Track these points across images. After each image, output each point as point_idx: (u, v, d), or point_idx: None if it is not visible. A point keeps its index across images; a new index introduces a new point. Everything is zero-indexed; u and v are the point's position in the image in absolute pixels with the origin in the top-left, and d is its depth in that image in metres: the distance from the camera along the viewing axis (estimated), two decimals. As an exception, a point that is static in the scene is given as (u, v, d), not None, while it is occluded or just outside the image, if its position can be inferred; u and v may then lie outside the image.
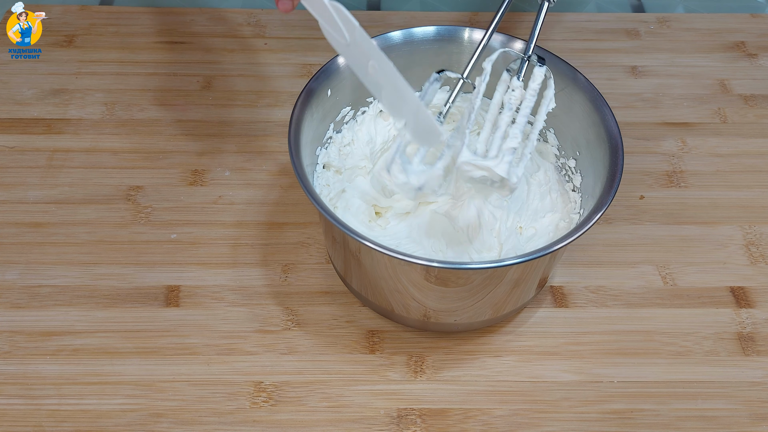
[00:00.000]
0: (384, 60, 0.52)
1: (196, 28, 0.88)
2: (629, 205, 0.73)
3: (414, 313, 0.60)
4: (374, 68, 0.53)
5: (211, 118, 0.79)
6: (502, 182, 0.56)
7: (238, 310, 0.64)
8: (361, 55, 0.53)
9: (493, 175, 0.55)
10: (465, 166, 0.56)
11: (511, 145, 0.56)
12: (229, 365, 0.61)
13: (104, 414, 0.58)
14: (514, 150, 0.56)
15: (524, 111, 0.58)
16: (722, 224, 0.72)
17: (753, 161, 0.77)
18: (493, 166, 0.55)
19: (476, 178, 0.57)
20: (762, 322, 0.65)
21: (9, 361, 0.61)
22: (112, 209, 0.71)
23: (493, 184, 0.57)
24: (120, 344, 0.62)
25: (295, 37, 0.88)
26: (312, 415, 0.59)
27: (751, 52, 0.88)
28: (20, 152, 0.75)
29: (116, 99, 0.81)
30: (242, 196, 0.72)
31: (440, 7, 0.95)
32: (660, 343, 0.63)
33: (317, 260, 0.68)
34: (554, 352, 0.63)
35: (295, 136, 0.58)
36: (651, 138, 0.79)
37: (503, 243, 0.62)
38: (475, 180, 0.57)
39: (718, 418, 0.59)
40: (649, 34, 0.90)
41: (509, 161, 0.56)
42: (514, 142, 0.57)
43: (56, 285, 0.66)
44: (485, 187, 0.59)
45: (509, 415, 0.59)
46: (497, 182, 0.56)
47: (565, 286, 0.67)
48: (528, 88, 0.59)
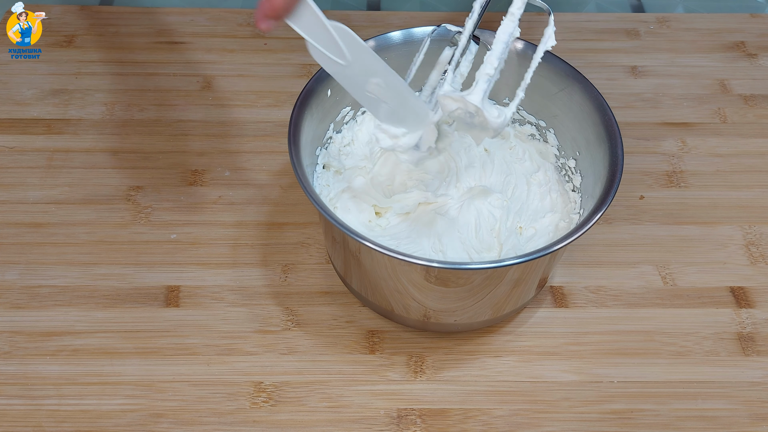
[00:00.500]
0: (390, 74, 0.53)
1: (196, 28, 0.88)
2: (629, 205, 0.73)
3: (414, 313, 0.60)
4: (378, 85, 0.54)
5: (211, 118, 0.79)
6: (479, 116, 0.53)
7: (238, 310, 0.64)
8: (360, 73, 0.53)
9: (467, 105, 0.53)
10: (443, 100, 0.54)
11: (485, 71, 0.53)
12: (229, 365, 0.61)
13: (104, 414, 0.58)
14: (488, 77, 0.53)
15: (500, 37, 0.55)
16: (722, 224, 0.72)
17: (753, 161, 0.77)
18: (465, 95, 0.52)
19: (453, 112, 0.54)
20: (762, 322, 0.65)
21: (9, 361, 0.61)
22: (112, 209, 0.71)
23: (471, 118, 0.54)
24: (120, 344, 0.62)
25: (295, 37, 0.87)
26: (312, 415, 0.59)
27: (751, 52, 0.88)
28: (20, 152, 0.75)
29: (116, 99, 0.81)
30: (242, 196, 0.72)
31: (440, 7, 0.95)
32: (660, 343, 0.63)
33: (317, 260, 0.68)
34: (554, 352, 0.63)
35: (295, 136, 0.58)
36: (651, 138, 0.79)
37: (503, 243, 0.62)
38: (454, 116, 0.54)
39: (718, 418, 0.59)
40: (649, 34, 0.90)
41: (483, 89, 0.53)
42: (488, 68, 0.53)
43: (56, 285, 0.66)
44: (466, 124, 0.55)
45: (509, 415, 0.59)
46: (475, 115, 0.53)
47: (565, 286, 0.67)
48: (508, 12, 0.56)
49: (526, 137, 0.69)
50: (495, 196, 0.64)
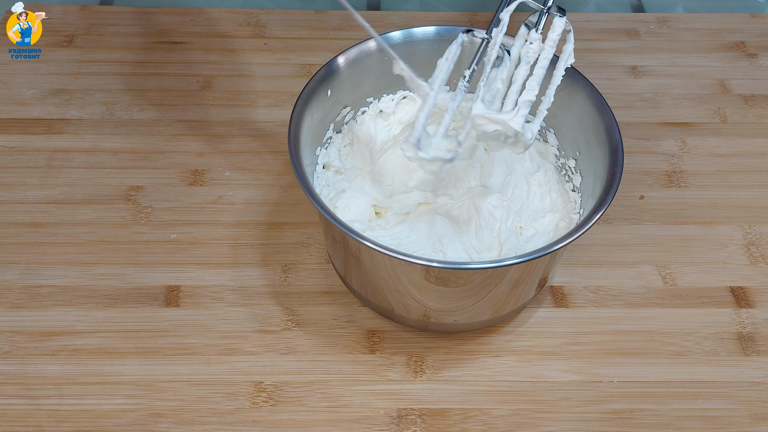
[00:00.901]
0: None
1: (196, 28, 0.88)
2: (629, 205, 0.73)
3: (414, 313, 0.60)
4: None
5: (211, 118, 0.79)
6: (516, 138, 0.54)
7: (238, 310, 0.64)
8: None
9: (507, 129, 0.53)
10: (478, 120, 0.54)
11: (527, 98, 0.54)
12: (229, 365, 0.61)
13: (104, 414, 0.58)
14: (530, 103, 0.54)
15: (542, 63, 0.55)
16: (722, 224, 0.72)
17: (753, 161, 0.77)
18: (508, 120, 0.53)
19: (489, 133, 0.54)
20: (762, 322, 0.65)
21: (9, 361, 0.61)
22: (112, 209, 0.71)
23: (506, 140, 0.55)
24: (120, 344, 0.62)
25: (295, 37, 0.88)
26: (312, 415, 0.59)
27: (751, 52, 0.88)
28: (20, 152, 0.75)
29: (116, 99, 0.81)
30: (242, 196, 0.72)
31: (440, 7, 0.95)
32: (660, 343, 0.63)
33: (317, 260, 0.68)
34: (554, 352, 0.63)
35: (295, 136, 0.58)
36: (651, 138, 0.79)
37: (503, 243, 0.62)
38: (488, 135, 0.55)
39: (718, 418, 0.59)
40: (649, 34, 0.90)
41: (524, 114, 0.53)
42: (530, 95, 0.54)
43: (56, 285, 0.66)
44: (499, 143, 0.56)
45: (509, 415, 0.59)
46: (511, 138, 0.54)
47: (565, 286, 0.67)
48: (547, 39, 0.56)
49: (526, 137, 0.69)
50: (495, 196, 0.64)
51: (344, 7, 0.56)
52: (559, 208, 0.64)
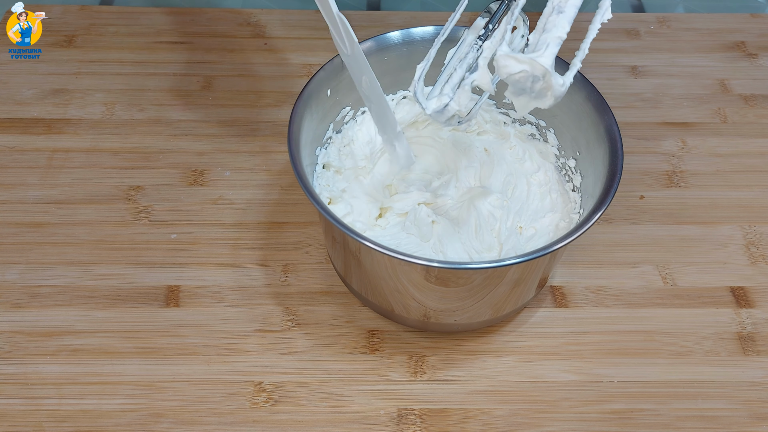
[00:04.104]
0: (374, 80, 0.59)
1: (196, 28, 0.89)
2: (629, 205, 0.73)
3: (414, 313, 0.60)
4: (366, 83, 0.59)
5: (211, 118, 0.79)
6: (545, 81, 0.48)
7: (238, 310, 0.65)
8: (358, 67, 0.59)
9: (535, 68, 0.47)
10: (503, 60, 0.47)
11: (557, 34, 0.48)
12: (229, 365, 0.61)
13: (104, 414, 0.58)
14: (560, 41, 0.48)
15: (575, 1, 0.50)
16: (722, 224, 0.72)
17: (753, 161, 0.77)
18: (536, 56, 0.47)
19: (515, 74, 0.48)
20: (762, 322, 0.65)
21: (9, 361, 0.61)
22: (112, 209, 0.71)
23: (534, 84, 0.48)
24: (120, 344, 0.62)
25: (295, 37, 0.88)
26: (312, 415, 0.59)
27: (751, 52, 0.88)
28: (20, 152, 0.75)
29: (116, 99, 0.81)
30: (242, 196, 0.72)
31: (440, 7, 0.95)
32: (660, 343, 0.63)
33: (317, 260, 0.68)
34: (554, 352, 0.63)
35: (295, 136, 0.58)
36: (651, 138, 0.79)
37: (503, 243, 0.62)
38: (514, 80, 0.48)
39: (718, 418, 0.59)
40: (649, 34, 0.90)
41: (554, 53, 0.47)
42: (561, 31, 0.48)
43: (56, 285, 0.66)
44: (526, 96, 0.50)
45: (509, 415, 0.59)
46: (540, 81, 0.48)
47: (565, 286, 0.67)
48: None
49: (526, 137, 0.69)
50: (495, 196, 0.64)
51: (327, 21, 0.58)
52: (559, 208, 0.64)
